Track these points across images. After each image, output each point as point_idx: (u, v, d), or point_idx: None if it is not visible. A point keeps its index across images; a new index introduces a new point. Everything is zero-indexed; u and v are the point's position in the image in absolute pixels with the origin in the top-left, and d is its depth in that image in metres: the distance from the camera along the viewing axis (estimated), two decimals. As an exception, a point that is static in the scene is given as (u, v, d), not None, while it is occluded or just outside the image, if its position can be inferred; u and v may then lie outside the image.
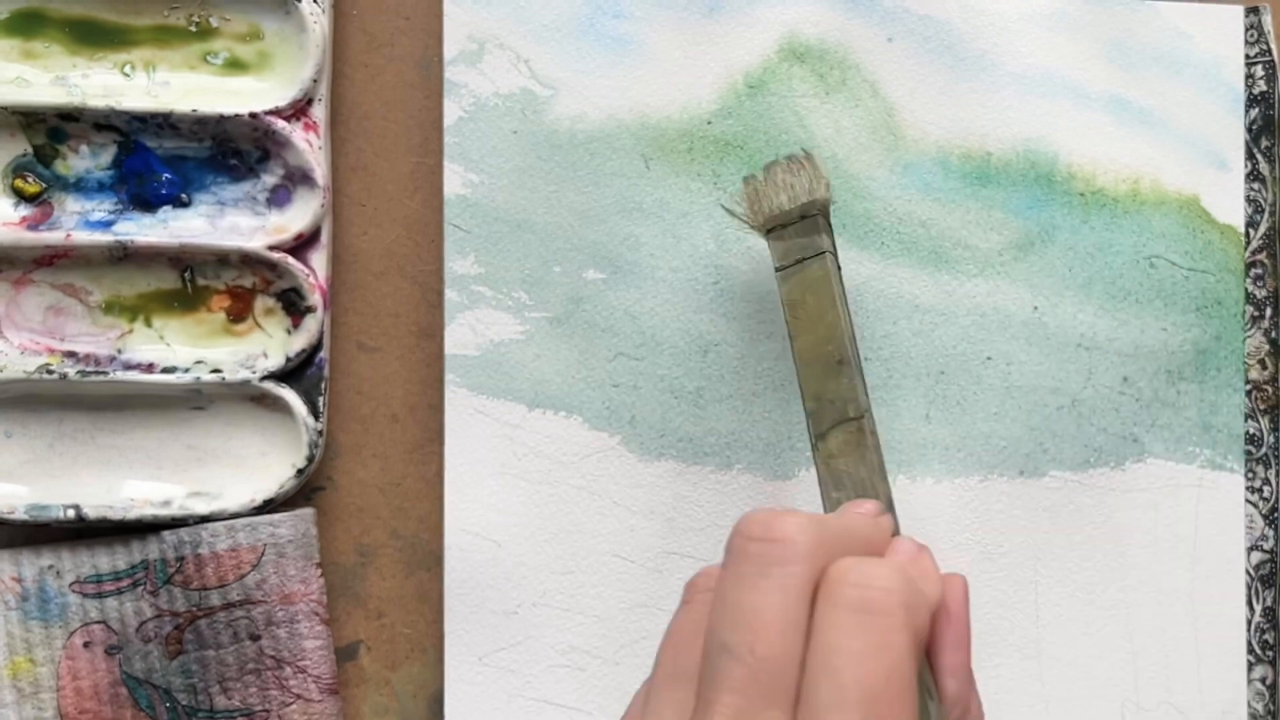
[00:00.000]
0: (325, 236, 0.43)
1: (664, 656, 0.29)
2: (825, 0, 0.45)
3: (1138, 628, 0.46)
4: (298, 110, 0.42)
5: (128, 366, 0.42)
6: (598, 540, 0.44)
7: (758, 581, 0.27)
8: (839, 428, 0.36)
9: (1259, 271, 0.47)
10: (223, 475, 0.43)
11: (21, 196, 0.42)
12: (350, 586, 0.44)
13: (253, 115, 0.41)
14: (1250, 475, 0.46)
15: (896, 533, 0.34)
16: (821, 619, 0.27)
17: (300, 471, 0.42)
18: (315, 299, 0.42)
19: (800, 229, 0.38)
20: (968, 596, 0.32)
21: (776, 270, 0.38)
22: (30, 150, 0.42)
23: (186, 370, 0.42)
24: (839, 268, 0.39)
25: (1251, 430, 0.46)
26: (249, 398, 0.43)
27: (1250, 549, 0.46)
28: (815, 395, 0.36)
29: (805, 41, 0.45)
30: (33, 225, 0.42)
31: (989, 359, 0.45)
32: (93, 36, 0.42)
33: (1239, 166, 0.47)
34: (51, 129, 0.42)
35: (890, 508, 0.35)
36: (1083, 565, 0.46)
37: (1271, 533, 0.46)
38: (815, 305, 0.37)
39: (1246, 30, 0.47)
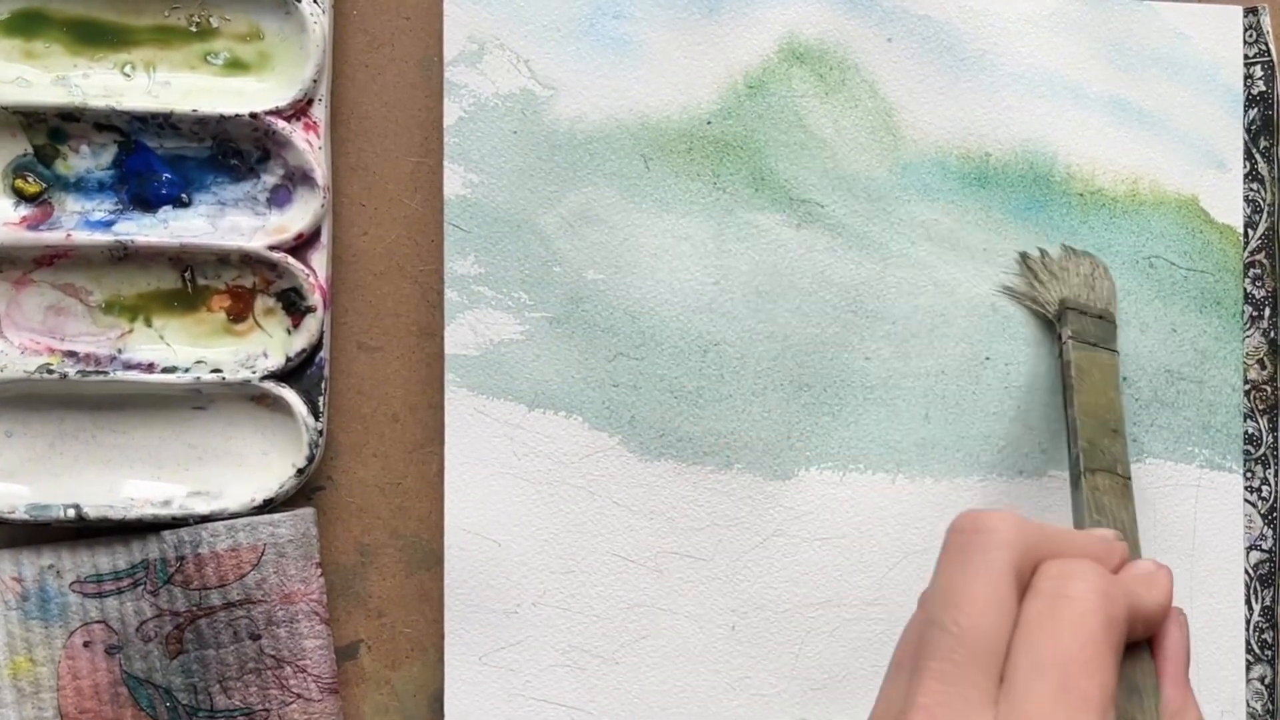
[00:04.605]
0: (325, 236, 0.43)
1: (895, 655, 0.32)
2: (825, 0, 0.45)
3: (1137, 627, 0.46)
4: (298, 110, 0.42)
5: (128, 366, 0.42)
6: (598, 540, 0.44)
7: (964, 565, 0.31)
8: (1108, 474, 0.39)
9: (1257, 271, 0.47)
10: (223, 475, 0.43)
11: (22, 196, 0.42)
12: (350, 586, 0.44)
13: (253, 115, 0.41)
14: (1249, 475, 0.47)
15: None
16: (1024, 609, 0.30)
17: (300, 471, 0.42)
18: (315, 299, 0.42)
19: (1099, 324, 0.44)
20: (1186, 624, 0.34)
21: (1070, 337, 0.43)
22: (31, 150, 0.42)
23: (187, 370, 0.42)
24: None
25: (1250, 430, 0.47)
26: (249, 397, 0.43)
27: (1249, 548, 0.46)
28: (1090, 440, 0.40)
29: (805, 42, 0.45)
30: (33, 225, 0.42)
31: (988, 359, 0.45)
32: (93, 36, 0.42)
33: (1237, 167, 0.47)
34: (52, 129, 0.42)
35: (1137, 551, 0.37)
36: (1082, 565, 0.46)
37: (1270, 532, 0.46)
38: (1100, 381, 0.42)
39: (1245, 31, 0.47)
